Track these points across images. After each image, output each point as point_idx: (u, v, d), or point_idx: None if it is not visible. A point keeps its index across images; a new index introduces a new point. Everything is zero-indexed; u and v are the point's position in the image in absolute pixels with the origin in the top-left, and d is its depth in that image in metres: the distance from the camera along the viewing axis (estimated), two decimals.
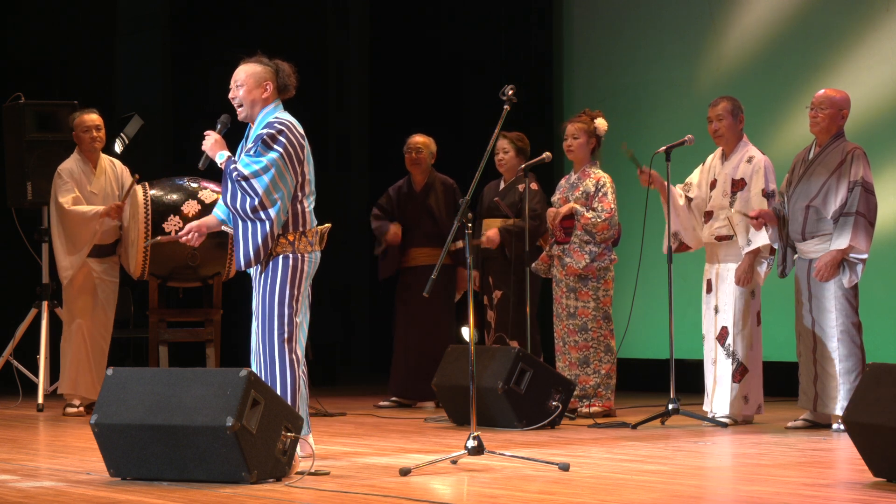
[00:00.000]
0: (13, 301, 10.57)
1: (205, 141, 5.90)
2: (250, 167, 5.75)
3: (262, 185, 5.73)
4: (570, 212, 8.44)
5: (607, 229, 8.38)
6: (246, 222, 5.78)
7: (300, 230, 5.85)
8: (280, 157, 5.75)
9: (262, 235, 5.76)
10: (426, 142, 9.55)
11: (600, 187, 8.44)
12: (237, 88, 5.89)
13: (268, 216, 5.75)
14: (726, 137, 7.98)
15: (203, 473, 5.36)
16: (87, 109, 9.03)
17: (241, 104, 5.90)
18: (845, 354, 7.46)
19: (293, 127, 5.85)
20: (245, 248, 5.79)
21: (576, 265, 8.38)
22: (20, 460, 6.45)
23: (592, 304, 8.40)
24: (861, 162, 7.45)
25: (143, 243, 8.75)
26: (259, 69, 5.89)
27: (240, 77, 5.90)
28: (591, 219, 8.37)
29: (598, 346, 8.38)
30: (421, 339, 9.38)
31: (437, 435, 7.48)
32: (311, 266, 5.89)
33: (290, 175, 5.79)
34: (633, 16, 11.14)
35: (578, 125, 8.52)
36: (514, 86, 6.14)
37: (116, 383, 5.57)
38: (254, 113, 5.90)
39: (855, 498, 4.99)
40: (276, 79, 5.92)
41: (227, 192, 5.82)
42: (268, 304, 5.79)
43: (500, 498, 5.03)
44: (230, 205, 5.82)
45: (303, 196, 5.87)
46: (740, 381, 7.85)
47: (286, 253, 5.80)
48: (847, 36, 9.75)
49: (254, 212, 5.75)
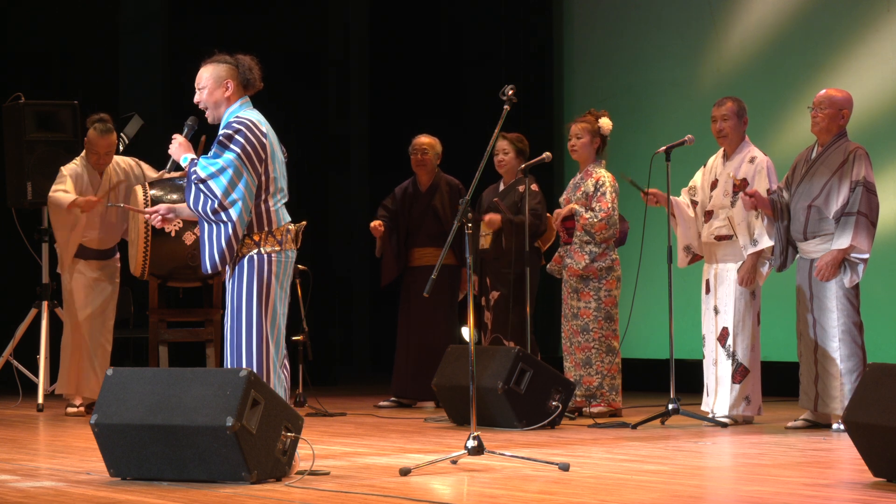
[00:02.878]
0: (13, 301, 10.57)
1: (171, 145, 5.84)
2: (207, 169, 5.67)
3: (220, 187, 5.64)
4: (570, 212, 8.44)
5: (605, 229, 8.38)
6: (210, 225, 5.70)
7: (265, 230, 5.72)
8: (237, 157, 5.64)
9: (226, 238, 5.66)
10: (432, 142, 9.55)
11: (599, 187, 8.44)
12: (200, 91, 5.79)
13: (229, 217, 5.65)
14: (730, 138, 7.98)
15: (203, 473, 5.36)
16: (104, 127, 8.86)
17: (206, 107, 5.80)
18: (846, 354, 7.46)
19: (252, 125, 5.71)
20: (210, 251, 5.70)
21: (576, 265, 8.38)
22: (20, 460, 6.45)
23: (594, 304, 8.40)
24: (863, 162, 7.45)
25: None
26: (219, 69, 5.78)
27: (201, 80, 5.79)
28: (588, 219, 8.38)
29: (599, 346, 8.38)
30: (423, 339, 9.38)
31: (437, 435, 7.48)
32: (280, 266, 5.73)
33: (249, 175, 5.66)
34: (634, 16, 11.14)
35: (582, 125, 8.52)
36: (513, 86, 6.14)
37: (116, 383, 5.57)
38: (219, 114, 5.79)
39: (855, 498, 4.99)
40: (236, 76, 5.80)
41: (189, 195, 5.74)
42: (236, 307, 5.68)
43: (500, 498, 5.03)
44: (193, 208, 5.74)
45: (267, 195, 5.73)
46: (741, 382, 7.85)
47: (251, 253, 5.69)
48: (848, 36, 9.75)
49: (214, 213, 5.66)
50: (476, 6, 12.20)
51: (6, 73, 11.30)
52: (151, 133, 10.44)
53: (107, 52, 11.91)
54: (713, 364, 7.98)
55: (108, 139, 8.90)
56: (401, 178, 9.71)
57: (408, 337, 9.51)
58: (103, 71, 11.85)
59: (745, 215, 7.82)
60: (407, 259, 9.57)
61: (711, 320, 8.01)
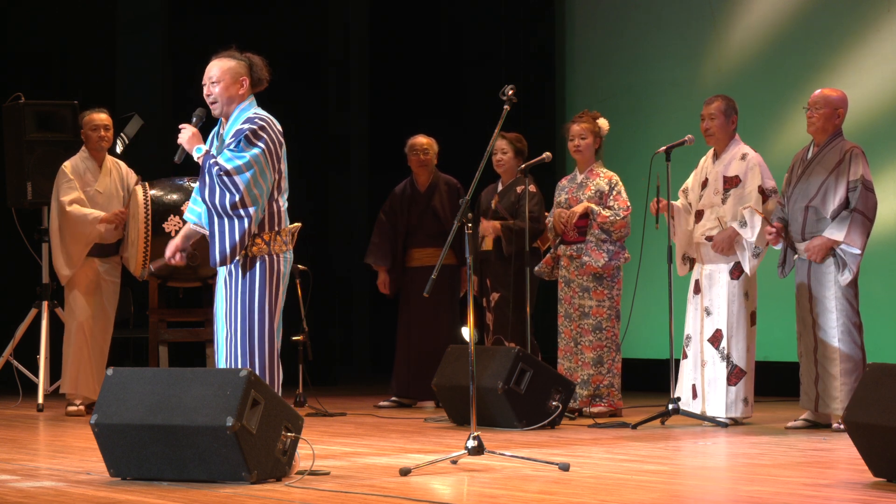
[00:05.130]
0: (13, 301, 10.57)
1: (181, 134, 5.76)
2: (233, 162, 5.62)
3: (244, 182, 5.61)
4: (585, 211, 8.42)
5: (624, 227, 8.39)
6: (223, 219, 5.65)
7: (275, 229, 5.73)
8: (262, 153, 5.64)
9: (240, 232, 5.64)
10: (430, 142, 9.56)
11: (614, 185, 8.45)
12: (213, 85, 5.74)
13: (247, 213, 5.63)
14: (717, 136, 7.97)
15: (203, 473, 5.36)
16: (96, 108, 9.01)
17: (217, 100, 5.74)
18: (846, 355, 7.46)
19: (273, 123, 5.75)
20: (221, 244, 5.66)
21: (595, 263, 8.35)
22: (20, 460, 6.44)
23: (607, 303, 8.41)
24: (860, 160, 7.46)
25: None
26: (234, 64, 5.76)
27: (215, 73, 5.74)
28: (608, 217, 8.36)
29: (611, 344, 8.40)
30: (424, 339, 9.38)
31: (437, 435, 7.48)
32: (287, 266, 5.77)
33: (270, 172, 5.68)
34: (634, 16, 11.14)
35: (585, 125, 8.53)
36: (513, 86, 6.14)
37: (116, 383, 5.57)
38: (230, 110, 5.76)
39: (855, 498, 4.99)
40: (250, 74, 5.79)
41: (204, 188, 5.68)
42: (248, 307, 5.68)
43: (500, 498, 5.03)
44: (208, 200, 5.68)
45: (279, 194, 5.76)
46: (737, 385, 7.83)
47: (263, 255, 5.69)
48: (848, 36, 9.75)
49: (233, 208, 5.63)
50: (476, 6, 12.20)
51: (6, 73, 11.30)
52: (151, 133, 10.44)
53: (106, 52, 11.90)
54: (700, 366, 7.94)
55: (102, 113, 8.97)
56: (401, 178, 9.71)
57: (408, 337, 9.52)
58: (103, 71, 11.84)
59: (735, 214, 7.81)
60: (407, 259, 9.57)
61: (699, 321, 7.99)
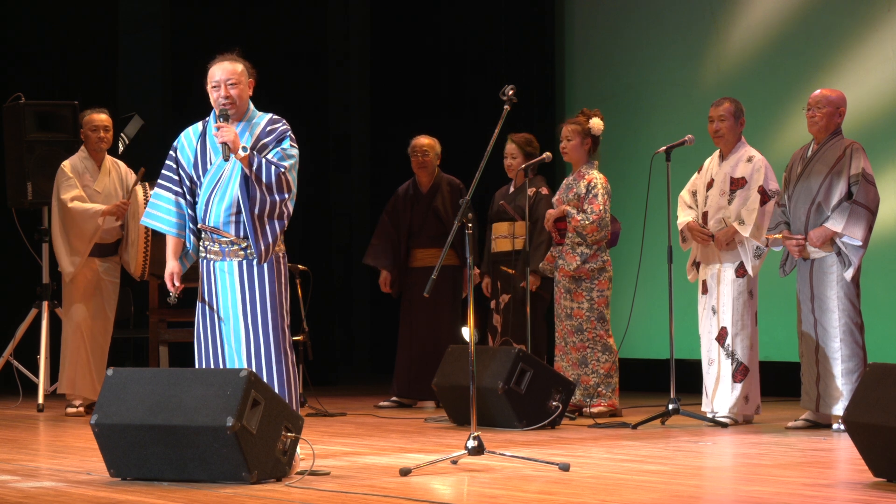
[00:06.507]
0: (13, 301, 10.57)
1: (224, 133, 5.63)
2: (288, 161, 5.69)
3: (294, 180, 5.71)
4: (561, 214, 8.44)
5: (596, 231, 8.37)
6: (273, 214, 5.65)
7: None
8: (297, 154, 5.76)
9: (281, 227, 5.70)
10: (431, 143, 9.56)
11: (591, 189, 8.44)
12: (231, 87, 5.73)
13: (289, 213, 5.71)
14: (726, 138, 8.00)
15: (203, 473, 5.36)
16: (97, 109, 9.03)
17: (235, 101, 5.74)
18: (847, 355, 7.46)
19: None
20: (265, 238, 5.66)
21: (567, 267, 8.39)
22: (20, 460, 6.44)
23: (587, 304, 8.41)
24: (860, 155, 7.47)
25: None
26: (245, 67, 5.82)
27: (232, 75, 5.74)
28: (580, 221, 8.38)
29: (594, 345, 8.39)
30: (425, 339, 9.38)
31: (437, 435, 7.48)
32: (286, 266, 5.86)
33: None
34: (634, 16, 11.14)
35: (572, 127, 8.53)
36: (514, 86, 6.14)
37: (116, 383, 5.57)
38: (242, 111, 5.79)
39: (855, 498, 4.99)
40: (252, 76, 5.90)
41: (248, 185, 5.62)
42: (260, 307, 5.71)
43: (500, 498, 5.03)
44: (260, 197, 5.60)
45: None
46: (741, 381, 7.86)
47: (278, 253, 5.75)
48: (848, 36, 9.75)
49: (283, 204, 5.66)
50: (476, 6, 12.20)
51: (6, 73, 11.30)
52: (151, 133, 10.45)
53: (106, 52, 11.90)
54: (710, 364, 7.98)
55: (102, 114, 8.99)
56: (402, 178, 9.71)
57: (410, 337, 9.51)
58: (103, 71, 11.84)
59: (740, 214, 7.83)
60: (409, 260, 9.57)
61: (709, 320, 8.02)
